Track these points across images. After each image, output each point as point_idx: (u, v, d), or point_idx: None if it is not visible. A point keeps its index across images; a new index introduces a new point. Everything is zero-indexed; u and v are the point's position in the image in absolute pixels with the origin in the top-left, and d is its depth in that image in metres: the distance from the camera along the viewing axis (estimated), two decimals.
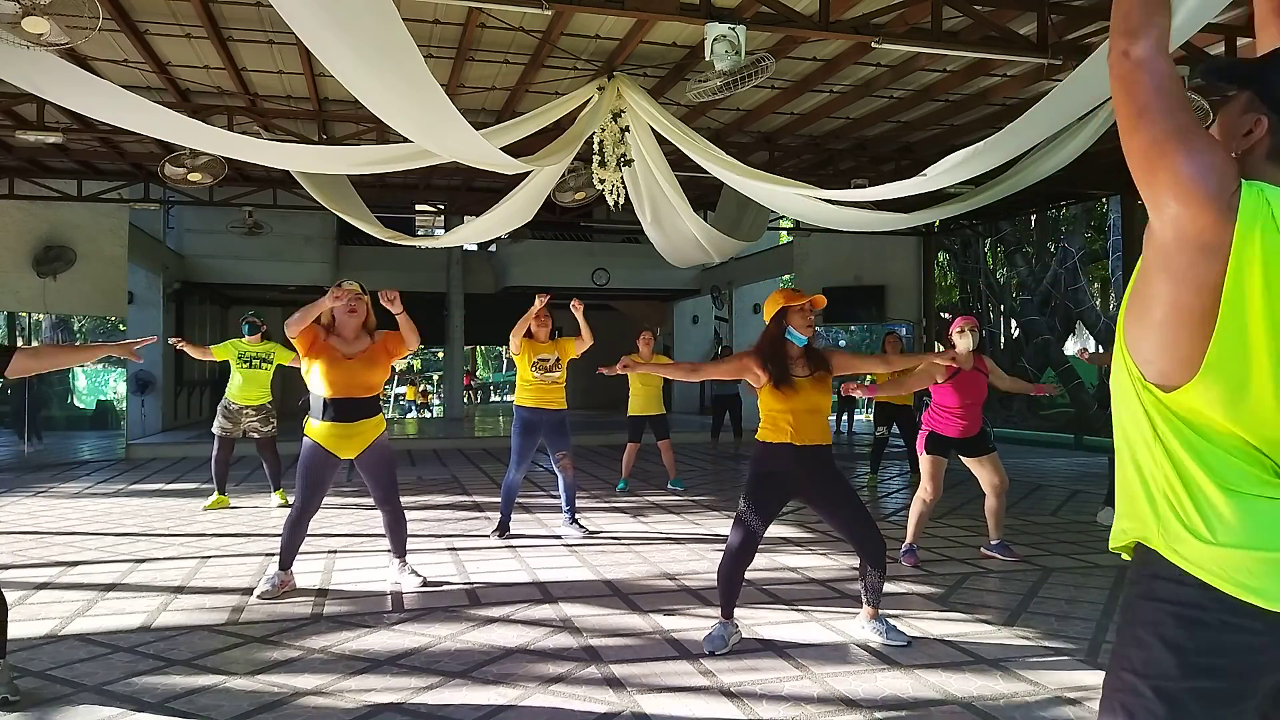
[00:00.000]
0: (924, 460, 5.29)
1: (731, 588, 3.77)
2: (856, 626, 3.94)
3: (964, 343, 5.26)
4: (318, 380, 4.46)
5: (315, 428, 4.49)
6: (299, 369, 4.70)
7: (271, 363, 7.41)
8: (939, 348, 5.82)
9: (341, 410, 4.45)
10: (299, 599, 4.53)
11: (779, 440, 3.71)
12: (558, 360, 6.14)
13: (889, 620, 3.87)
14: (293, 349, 6.89)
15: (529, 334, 6.11)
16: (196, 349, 7.33)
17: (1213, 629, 1.20)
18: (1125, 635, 1.30)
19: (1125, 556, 1.37)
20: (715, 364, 4.05)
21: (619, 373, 4.09)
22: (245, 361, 7.34)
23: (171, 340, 7.31)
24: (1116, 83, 1.21)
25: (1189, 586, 1.22)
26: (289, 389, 10.04)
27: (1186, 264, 1.16)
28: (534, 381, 6.09)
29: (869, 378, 6.11)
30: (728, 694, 3.23)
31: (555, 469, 6.30)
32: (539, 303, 5.90)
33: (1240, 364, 1.16)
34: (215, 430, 7.45)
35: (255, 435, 7.47)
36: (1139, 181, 1.21)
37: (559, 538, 6.12)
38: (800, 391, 3.69)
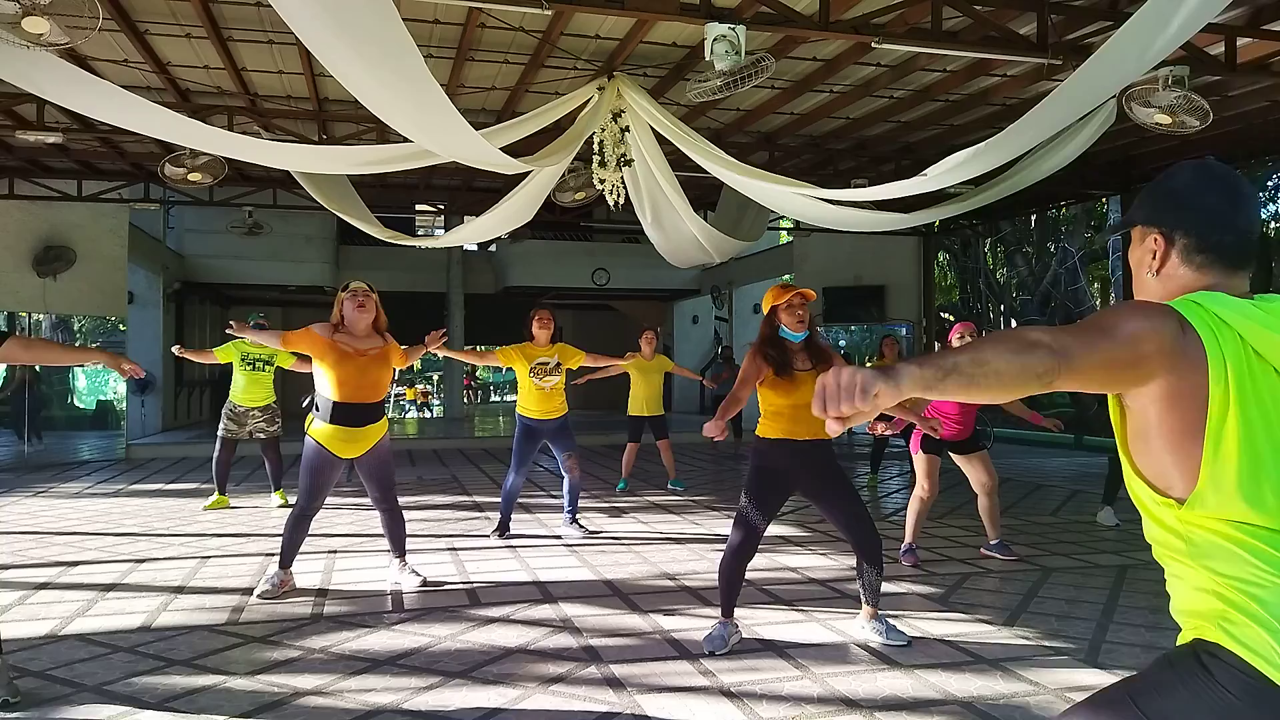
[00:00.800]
0: (918, 459, 5.32)
1: (733, 585, 3.77)
2: (856, 626, 3.94)
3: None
4: (328, 381, 4.44)
5: (319, 429, 4.48)
6: (300, 371, 4.70)
7: (273, 364, 7.40)
8: (938, 348, 5.80)
9: (350, 415, 4.44)
10: (299, 599, 4.53)
11: (779, 435, 3.72)
12: (558, 364, 6.00)
13: (889, 620, 3.87)
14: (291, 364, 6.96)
15: (530, 336, 6.02)
16: (198, 354, 7.32)
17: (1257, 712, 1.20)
18: (1155, 683, 1.31)
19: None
20: (743, 384, 3.84)
21: (719, 437, 3.90)
22: (248, 364, 7.33)
23: (174, 349, 7.26)
24: (1071, 386, 1.24)
25: (1248, 676, 1.21)
26: (290, 389, 10.03)
27: (1191, 389, 1.21)
28: (533, 389, 5.96)
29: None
30: (728, 694, 3.23)
31: (562, 470, 6.25)
32: (440, 352, 5.67)
33: (1241, 445, 1.21)
34: (220, 432, 7.44)
35: (261, 435, 7.48)
36: (1131, 385, 1.25)
37: (559, 538, 6.12)
38: (800, 386, 3.68)
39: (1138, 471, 1.31)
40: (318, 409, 4.49)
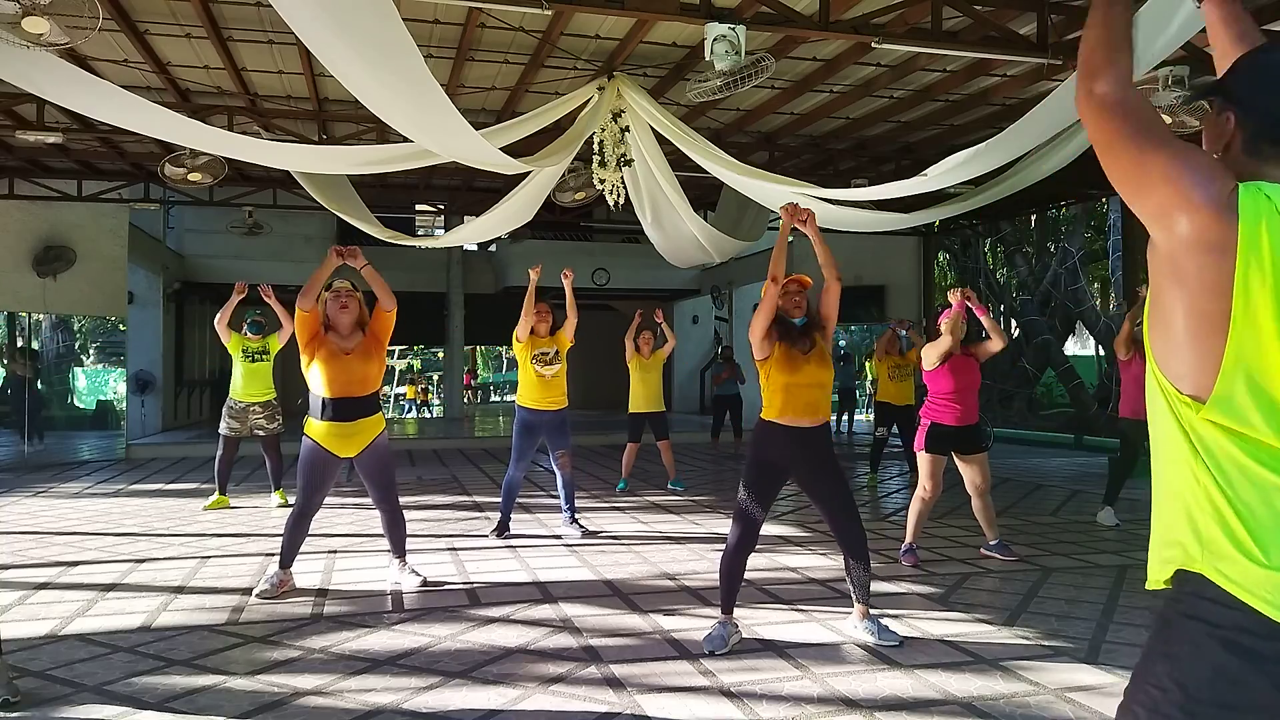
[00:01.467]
0: (922, 458, 5.30)
1: (733, 582, 3.79)
2: (849, 626, 3.94)
3: (949, 328, 5.21)
4: (317, 378, 4.48)
5: (315, 427, 4.50)
6: (298, 364, 4.70)
7: (269, 353, 7.48)
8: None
9: (341, 410, 4.47)
10: (299, 599, 4.53)
11: (779, 418, 3.77)
12: (557, 353, 6.21)
13: (881, 620, 3.88)
14: (284, 339, 7.02)
15: (531, 330, 6.16)
16: (227, 311, 7.22)
17: (1255, 657, 1.15)
18: (1156, 649, 1.26)
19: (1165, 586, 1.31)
20: (760, 309, 3.85)
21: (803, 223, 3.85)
22: (247, 356, 7.41)
23: (260, 289, 7.22)
24: (1088, 119, 1.24)
25: (1234, 610, 1.16)
26: (289, 388, 10.03)
27: (1196, 268, 1.16)
28: (535, 377, 6.13)
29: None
30: (728, 694, 3.23)
31: (554, 466, 6.32)
32: (534, 275, 6.13)
33: (1262, 360, 1.15)
34: (222, 431, 7.45)
35: (261, 433, 7.49)
36: (1133, 201, 1.22)
37: (559, 538, 6.12)
38: (804, 366, 3.76)
39: (1156, 360, 1.25)
40: (313, 407, 4.52)
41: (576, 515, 6.34)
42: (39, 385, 15.37)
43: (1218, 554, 1.19)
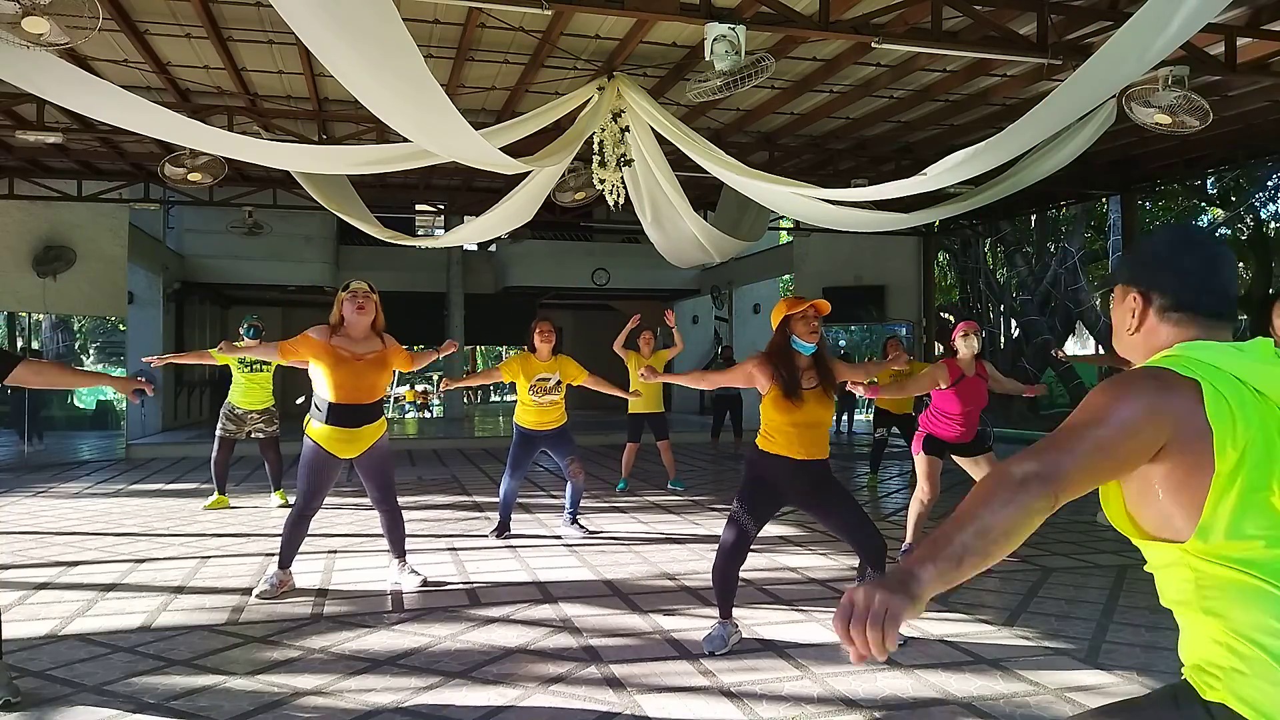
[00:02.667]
0: (919, 460, 5.30)
1: (727, 586, 3.76)
2: None
3: (967, 347, 5.23)
4: (324, 383, 4.44)
5: (317, 429, 4.48)
6: (300, 367, 4.69)
7: (271, 365, 7.39)
8: (939, 349, 5.79)
9: (345, 416, 4.44)
10: (299, 599, 4.53)
11: (777, 452, 3.68)
12: (558, 382, 5.90)
13: None
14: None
15: (532, 348, 5.91)
16: (193, 355, 7.21)
17: None
18: None
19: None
20: (723, 372, 3.95)
21: (646, 381, 4.04)
22: (246, 365, 7.34)
23: (153, 361, 6.69)
24: (1070, 494, 1.24)
25: None
26: (289, 390, 10.04)
27: (1182, 468, 1.22)
28: (532, 404, 5.90)
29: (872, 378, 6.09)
30: (728, 694, 3.23)
31: (565, 474, 6.20)
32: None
33: (1245, 484, 1.20)
34: (219, 432, 7.44)
35: (260, 436, 7.49)
36: (1117, 478, 1.27)
37: (559, 538, 6.12)
38: (805, 404, 3.64)
39: (1141, 529, 1.29)
40: (316, 409, 4.49)
41: (578, 516, 6.32)
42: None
43: (1238, 681, 1.22)
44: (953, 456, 5.35)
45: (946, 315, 18.57)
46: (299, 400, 4.68)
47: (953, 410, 5.20)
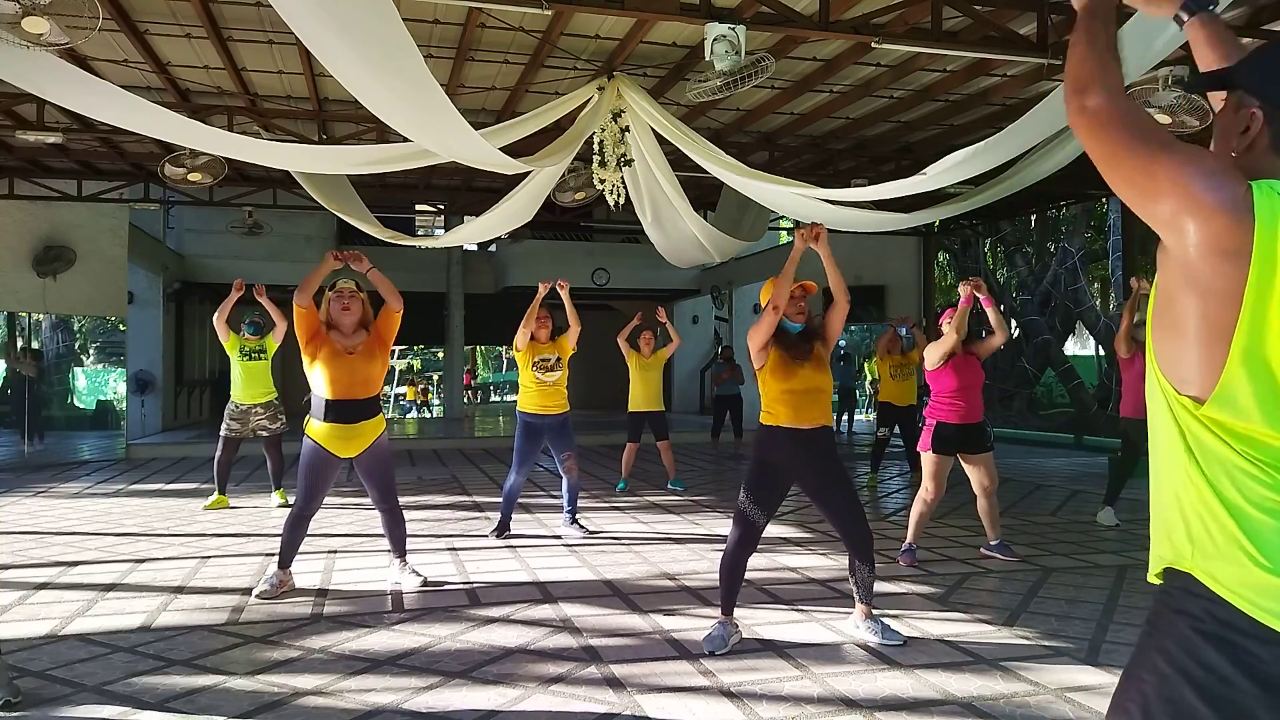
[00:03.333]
0: (926, 459, 5.27)
1: (733, 583, 3.77)
2: (850, 626, 3.94)
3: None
4: (320, 379, 4.46)
5: (316, 428, 4.49)
6: (299, 363, 4.69)
7: (266, 353, 7.50)
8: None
9: (343, 412, 4.45)
10: (299, 599, 4.53)
11: (780, 423, 3.74)
12: (558, 360, 6.12)
13: (883, 620, 3.87)
14: (280, 338, 7.04)
15: (531, 336, 6.10)
16: (226, 308, 7.25)
17: (1241, 657, 1.15)
18: (1147, 646, 1.26)
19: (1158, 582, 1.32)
20: (755, 334, 3.85)
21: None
22: (244, 354, 7.43)
23: (255, 288, 7.36)
24: (1085, 134, 1.21)
25: (1220, 608, 1.17)
26: (292, 385, 10.04)
27: (1210, 274, 1.13)
28: (535, 384, 6.07)
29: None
30: (728, 694, 3.23)
31: (560, 470, 6.28)
32: (543, 289, 6.09)
33: (1267, 362, 1.13)
34: (223, 432, 7.45)
35: (264, 433, 7.50)
36: (1142, 209, 1.18)
37: (559, 538, 6.12)
38: (800, 372, 3.73)
39: (1157, 360, 1.23)
40: (314, 408, 4.50)
41: (577, 516, 6.33)
42: (40, 385, 15.37)
43: (1207, 554, 1.19)
44: (959, 455, 5.33)
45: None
46: (306, 399, 4.69)
47: (950, 387, 5.23)
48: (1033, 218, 18.31)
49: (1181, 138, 1.25)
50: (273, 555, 4.89)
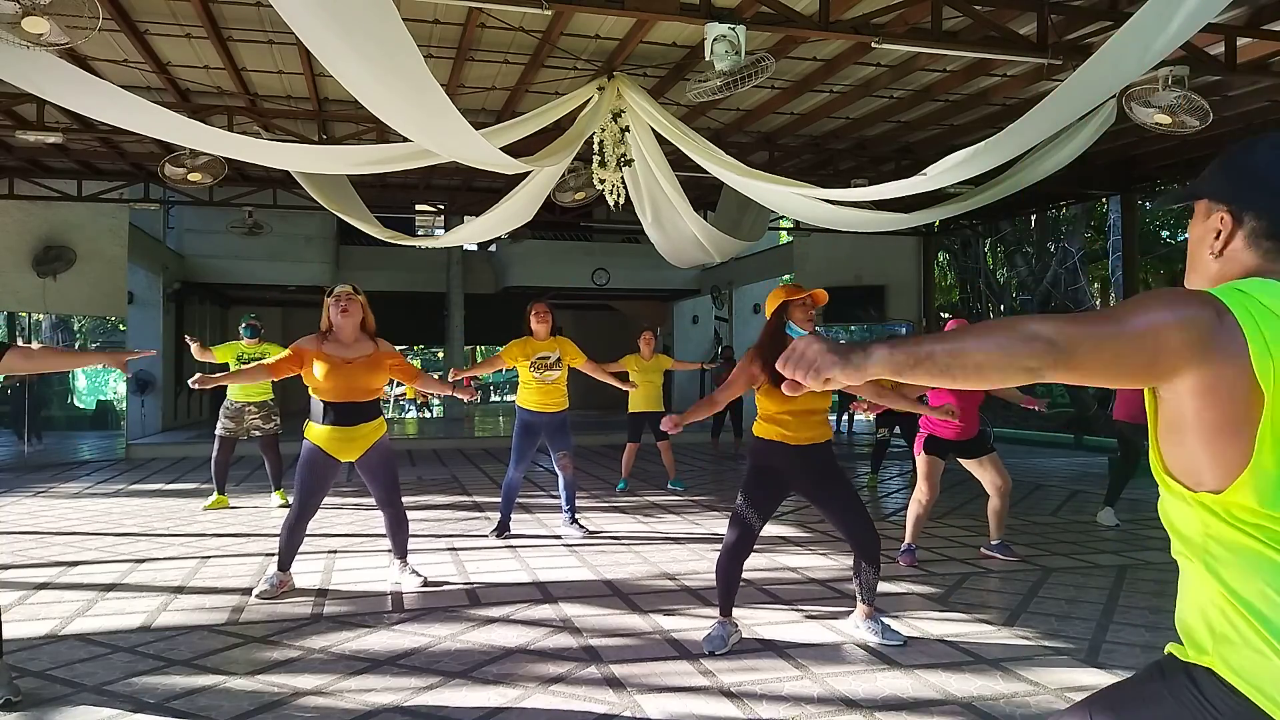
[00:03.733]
0: (919, 461, 5.28)
1: (730, 585, 3.77)
2: (850, 626, 3.94)
3: None
4: (318, 385, 4.44)
5: (316, 430, 4.47)
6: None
7: (263, 358, 7.44)
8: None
9: (342, 414, 4.44)
10: (299, 599, 4.53)
11: (774, 438, 3.72)
12: (558, 359, 6.04)
13: (884, 620, 3.87)
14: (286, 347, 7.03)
15: (529, 331, 6.05)
16: (201, 350, 7.28)
17: None
18: (1159, 700, 1.24)
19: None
20: (726, 388, 3.84)
21: (673, 432, 3.95)
22: (243, 363, 7.36)
23: (186, 337, 7.38)
24: (1074, 374, 1.15)
25: (1239, 702, 1.14)
26: (291, 388, 10.04)
27: (1212, 406, 1.12)
28: (533, 383, 6.04)
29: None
30: (728, 694, 3.22)
31: (555, 468, 6.30)
32: (453, 376, 5.75)
33: None
34: (218, 431, 7.45)
35: (258, 433, 7.48)
36: (1139, 382, 1.16)
37: (559, 538, 6.12)
38: (795, 397, 3.68)
39: (1165, 465, 1.21)
40: (314, 411, 4.50)
41: (577, 516, 6.33)
42: (40, 385, 15.37)
43: (1228, 647, 1.17)
44: (957, 458, 5.34)
45: (947, 316, 18.57)
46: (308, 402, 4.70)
47: (948, 403, 5.20)
48: (1033, 218, 18.31)
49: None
50: (273, 555, 4.90)
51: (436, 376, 6.13)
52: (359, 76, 4.61)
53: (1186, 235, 1.35)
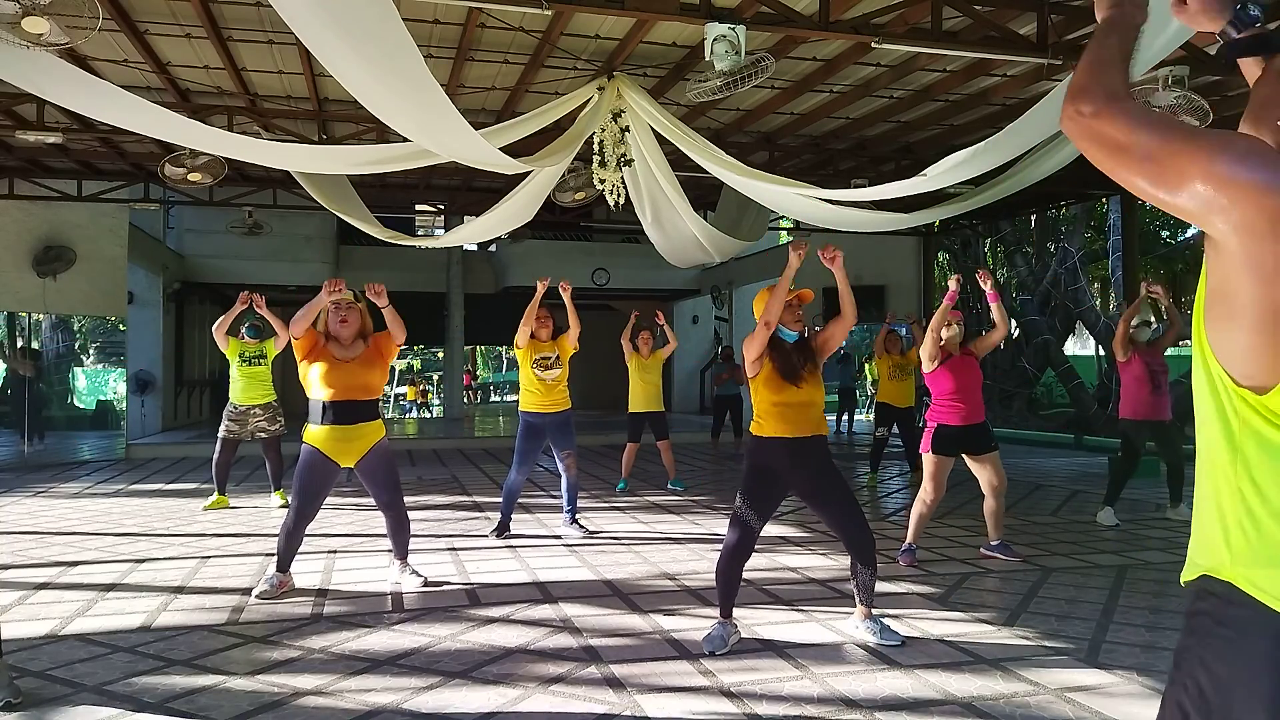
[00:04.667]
0: (928, 460, 5.25)
1: (730, 586, 3.77)
2: (850, 626, 3.94)
3: (949, 333, 5.27)
4: (316, 384, 4.46)
5: (314, 432, 4.47)
6: (296, 370, 4.69)
7: (266, 357, 7.50)
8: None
9: (341, 413, 4.44)
10: (299, 599, 4.53)
11: (773, 434, 3.72)
12: (558, 358, 6.16)
13: (883, 620, 3.87)
14: (281, 345, 7.03)
15: (531, 335, 6.12)
16: (259, 303, 7.08)
17: None
18: (1190, 656, 1.20)
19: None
20: (750, 347, 3.82)
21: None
22: (244, 360, 7.41)
23: (254, 299, 7.10)
24: (1084, 142, 1.17)
25: (1264, 616, 1.10)
26: (291, 388, 10.04)
27: (1270, 257, 1.06)
28: (536, 383, 6.10)
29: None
30: (728, 694, 3.22)
31: (559, 468, 6.30)
32: (541, 287, 6.10)
33: None
34: (221, 433, 7.45)
35: (263, 435, 7.49)
36: (1162, 200, 1.13)
37: (559, 538, 6.12)
38: (792, 385, 3.72)
39: (1214, 350, 1.14)
40: (310, 413, 4.50)
41: (577, 516, 6.33)
42: (40, 385, 15.37)
43: (1249, 561, 1.13)
44: (964, 455, 5.32)
45: None
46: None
47: (949, 388, 5.22)
48: (1033, 218, 18.30)
49: None
50: (273, 555, 4.89)
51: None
52: (359, 77, 4.61)
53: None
